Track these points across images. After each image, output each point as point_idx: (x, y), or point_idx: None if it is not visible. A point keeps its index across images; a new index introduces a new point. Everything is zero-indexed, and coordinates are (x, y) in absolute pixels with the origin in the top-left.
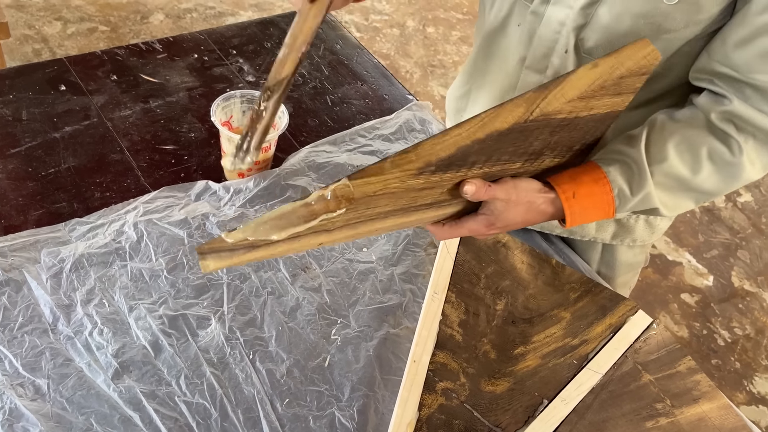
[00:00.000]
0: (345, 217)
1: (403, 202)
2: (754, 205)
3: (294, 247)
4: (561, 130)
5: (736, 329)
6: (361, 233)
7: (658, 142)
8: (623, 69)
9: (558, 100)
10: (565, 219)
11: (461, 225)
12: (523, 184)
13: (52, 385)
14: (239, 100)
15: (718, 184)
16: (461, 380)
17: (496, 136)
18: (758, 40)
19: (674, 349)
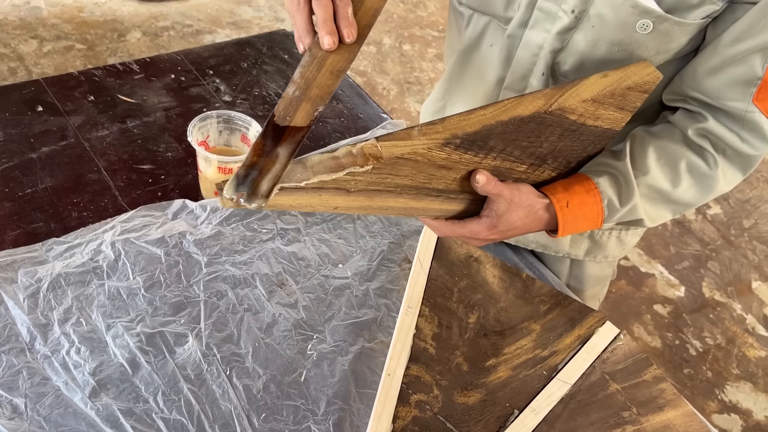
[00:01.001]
0: (368, 179)
1: (421, 178)
2: (723, 217)
3: (313, 201)
4: (568, 137)
5: (707, 339)
6: (374, 206)
7: (641, 156)
8: (630, 81)
9: (574, 98)
10: (558, 227)
11: (464, 224)
12: (525, 188)
13: (29, 404)
14: (215, 120)
15: (695, 196)
16: (434, 392)
17: (518, 122)
18: (727, 69)
19: (640, 358)
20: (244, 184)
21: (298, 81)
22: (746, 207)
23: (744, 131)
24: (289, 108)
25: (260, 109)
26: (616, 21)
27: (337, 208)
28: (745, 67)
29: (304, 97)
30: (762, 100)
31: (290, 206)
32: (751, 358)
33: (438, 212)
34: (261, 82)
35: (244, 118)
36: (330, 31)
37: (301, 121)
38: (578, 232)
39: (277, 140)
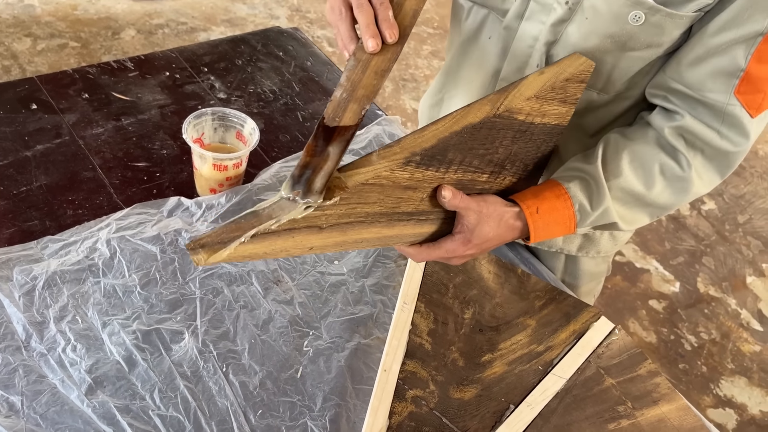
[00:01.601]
0: (338, 211)
1: (390, 203)
2: (717, 212)
3: (288, 245)
4: (520, 138)
5: (702, 334)
6: (349, 241)
7: (614, 159)
8: (567, 73)
9: (518, 98)
10: (529, 234)
11: (439, 245)
12: (491, 198)
13: (25, 402)
14: (210, 117)
15: (671, 198)
16: (430, 388)
17: (471, 130)
18: (710, 59)
19: (635, 353)
20: (299, 182)
21: (344, 84)
22: (740, 202)
23: (724, 126)
24: (338, 110)
25: (255, 106)
26: (609, 12)
27: (313, 248)
28: (728, 58)
29: (351, 98)
30: (744, 93)
31: (265, 254)
32: (745, 353)
33: (412, 237)
34: (256, 79)
35: (239, 115)
36: (373, 34)
37: (350, 120)
38: (551, 237)
39: (328, 140)
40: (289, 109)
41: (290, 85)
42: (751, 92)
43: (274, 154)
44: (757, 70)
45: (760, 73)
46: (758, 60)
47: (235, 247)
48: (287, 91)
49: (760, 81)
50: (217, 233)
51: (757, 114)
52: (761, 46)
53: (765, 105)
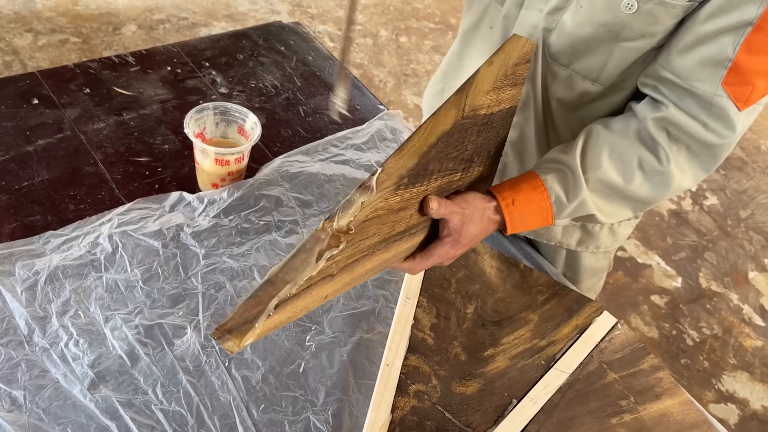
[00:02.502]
0: (345, 254)
1: (386, 230)
2: (719, 207)
3: (307, 302)
4: (484, 130)
5: (704, 329)
6: (356, 277)
7: (594, 151)
8: (514, 58)
9: (478, 94)
10: (505, 226)
11: (430, 253)
12: (469, 196)
13: (28, 397)
14: (212, 112)
15: (651, 192)
16: (433, 382)
17: (445, 138)
18: (699, 48)
19: (638, 348)
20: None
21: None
22: (743, 197)
23: (711, 118)
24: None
25: (257, 100)
26: (602, 0)
27: (327, 296)
28: (716, 47)
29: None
30: (731, 84)
31: (288, 318)
32: (747, 348)
33: (406, 252)
34: (257, 73)
35: (240, 109)
36: None
37: None
38: (529, 229)
39: None
40: (291, 104)
41: (292, 79)
42: (740, 84)
43: (276, 148)
44: (746, 61)
45: (750, 64)
46: (747, 51)
47: (262, 323)
48: (289, 85)
49: (748, 73)
50: (239, 314)
51: (745, 107)
52: (751, 36)
53: (753, 98)
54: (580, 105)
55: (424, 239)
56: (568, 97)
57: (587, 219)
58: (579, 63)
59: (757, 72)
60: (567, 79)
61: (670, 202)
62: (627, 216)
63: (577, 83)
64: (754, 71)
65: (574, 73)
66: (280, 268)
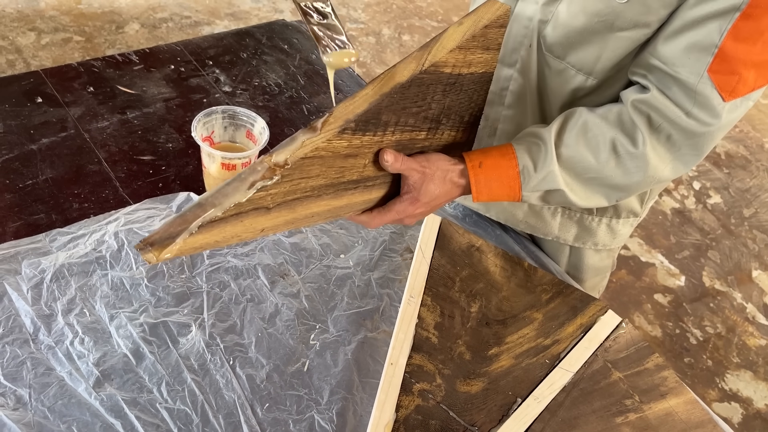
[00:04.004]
0: (282, 189)
1: (333, 174)
2: (723, 206)
3: (237, 230)
4: (451, 91)
5: (707, 328)
6: (299, 218)
7: (571, 129)
8: (485, 20)
9: (441, 51)
10: (471, 189)
11: (389, 209)
12: (434, 156)
13: (33, 395)
14: (221, 115)
15: (624, 178)
16: (437, 381)
17: (400, 90)
18: (686, 33)
19: (642, 346)
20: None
21: None
22: (746, 196)
23: (695, 106)
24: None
25: (260, 99)
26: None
27: (264, 229)
28: (703, 33)
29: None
30: (717, 72)
31: (217, 242)
32: (751, 347)
33: (362, 204)
34: (261, 72)
35: (249, 114)
36: None
37: None
38: (496, 198)
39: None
40: (295, 102)
41: (295, 78)
42: (725, 72)
43: None
44: (732, 49)
45: (736, 52)
46: (734, 38)
47: (183, 240)
48: (292, 84)
49: (735, 61)
50: (164, 229)
51: (730, 98)
52: (738, 23)
53: (740, 90)
54: (576, 99)
55: (386, 196)
56: (563, 91)
57: (558, 197)
58: (574, 55)
59: (744, 62)
60: (562, 73)
61: (673, 200)
62: (601, 203)
63: (571, 77)
64: (740, 60)
65: (569, 66)
66: (211, 193)
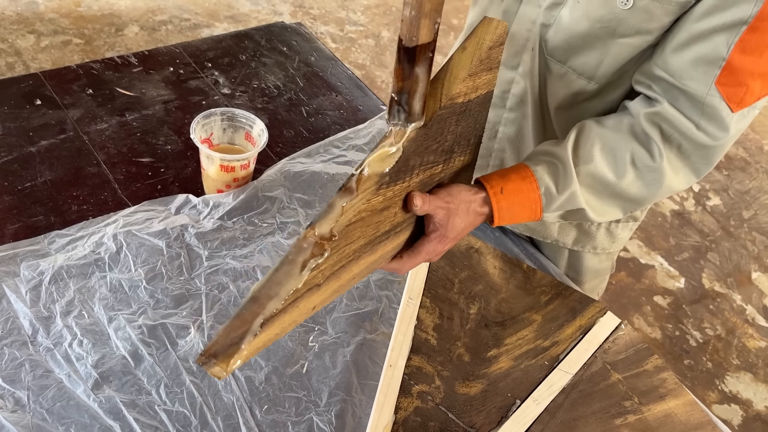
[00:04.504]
0: (330, 262)
1: (371, 231)
2: (722, 208)
3: (295, 316)
4: (462, 119)
5: (707, 330)
6: (343, 284)
7: (585, 145)
8: (488, 41)
9: (454, 83)
10: (493, 215)
11: (418, 251)
12: (454, 189)
13: (32, 397)
14: (219, 117)
15: (642, 190)
16: (436, 383)
17: (424, 132)
18: (693, 46)
19: (641, 348)
20: (401, 107)
21: (410, 1)
22: (746, 198)
23: (703, 119)
24: (412, 28)
25: (259, 101)
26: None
27: (315, 307)
28: (710, 46)
29: (420, 15)
30: (724, 84)
31: (277, 335)
32: (751, 349)
33: (392, 252)
34: (260, 74)
35: (248, 116)
36: None
37: (426, 37)
38: (517, 221)
39: (412, 62)
40: (294, 105)
41: (294, 80)
42: (733, 84)
43: (279, 149)
44: (739, 61)
45: (744, 64)
46: (741, 50)
47: (248, 343)
48: (291, 86)
49: (742, 73)
50: (224, 336)
51: (738, 109)
52: (745, 35)
53: (747, 100)
54: (577, 103)
55: (410, 236)
56: (565, 95)
57: (577, 215)
58: (575, 60)
59: (751, 73)
60: (563, 77)
61: (672, 202)
62: (616, 216)
63: (573, 81)
64: (748, 72)
65: (570, 70)
66: (263, 284)
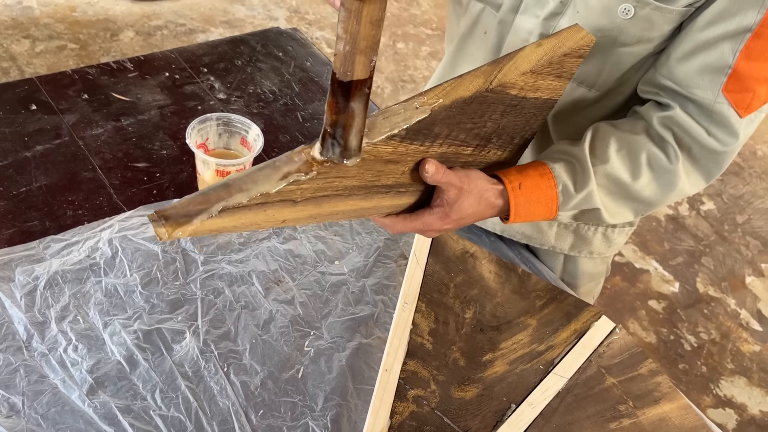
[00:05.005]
0: (314, 185)
1: (369, 176)
2: (716, 213)
3: (259, 219)
4: (510, 112)
5: (701, 334)
6: (323, 213)
7: (602, 146)
8: (565, 47)
9: (513, 72)
10: (510, 210)
11: (417, 217)
12: (473, 173)
13: (26, 402)
14: (215, 122)
15: (656, 192)
16: (432, 387)
17: (461, 104)
18: (699, 55)
19: (636, 352)
20: (335, 141)
21: (344, 36)
22: (739, 203)
23: (713, 125)
24: (347, 63)
25: (255, 106)
26: (599, 5)
27: (285, 221)
28: (715, 54)
29: (355, 51)
30: (731, 91)
31: (234, 227)
32: (745, 353)
33: (389, 208)
34: (255, 79)
35: (243, 120)
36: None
37: (362, 73)
38: (532, 219)
39: (347, 96)
40: (289, 110)
41: (290, 85)
42: (740, 91)
43: (274, 154)
44: (745, 68)
45: (749, 71)
46: (747, 57)
47: (201, 221)
48: (287, 91)
49: (748, 79)
50: (183, 205)
51: (746, 114)
52: (750, 42)
53: (754, 105)
54: (577, 110)
55: (414, 204)
56: (565, 103)
57: (591, 216)
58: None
59: (757, 78)
60: None
61: (667, 207)
62: (628, 218)
63: (573, 89)
64: (754, 78)
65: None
66: (241, 176)
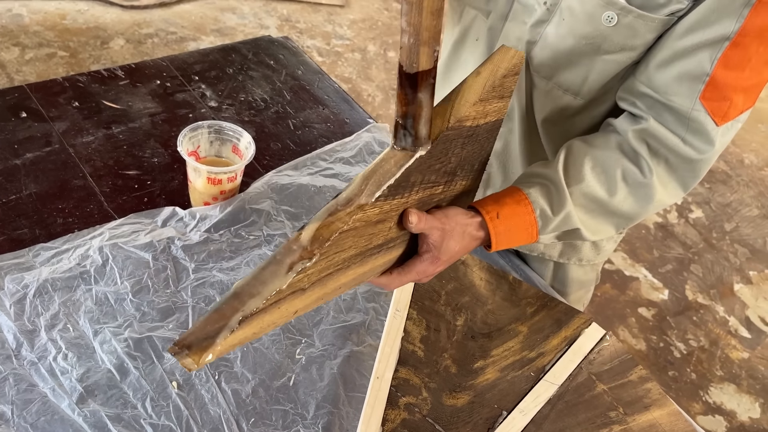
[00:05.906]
0: (318, 267)
1: (363, 243)
2: (705, 220)
3: (275, 318)
4: (468, 143)
5: (691, 341)
6: (328, 292)
7: (575, 165)
8: (502, 69)
9: (464, 105)
10: (491, 240)
11: (410, 269)
12: (451, 211)
13: (16, 411)
14: (207, 130)
15: (634, 206)
16: (423, 395)
17: (428, 151)
18: (677, 62)
19: (626, 359)
20: (406, 131)
21: (407, 29)
22: (727, 210)
23: (689, 133)
24: (412, 55)
25: (246, 114)
26: (583, 13)
27: (297, 311)
28: (693, 62)
29: (419, 42)
30: (709, 99)
31: (254, 334)
32: (734, 360)
33: (383, 267)
34: (247, 87)
35: (235, 128)
36: None
37: (426, 63)
38: (514, 245)
39: (414, 87)
40: (281, 118)
41: (281, 93)
42: (717, 99)
43: (266, 161)
44: (723, 76)
45: (727, 79)
46: (725, 66)
47: (224, 339)
48: (278, 99)
49: (726, 88)
50: (200, 328)
51: (723, 122)
52: (727, 51)
53: (731, 114)
54: (563, 118)
55: (403, 253)
56: (551, 110)
57: (573, 235)
58: (561, 76)
59: (734, 87)
60: (549, 92)
61: (656, 215)
62: (610, 233)
63: (559, 96)
64: (731, 86)
65: (556, 86)
66: (247, 281)
